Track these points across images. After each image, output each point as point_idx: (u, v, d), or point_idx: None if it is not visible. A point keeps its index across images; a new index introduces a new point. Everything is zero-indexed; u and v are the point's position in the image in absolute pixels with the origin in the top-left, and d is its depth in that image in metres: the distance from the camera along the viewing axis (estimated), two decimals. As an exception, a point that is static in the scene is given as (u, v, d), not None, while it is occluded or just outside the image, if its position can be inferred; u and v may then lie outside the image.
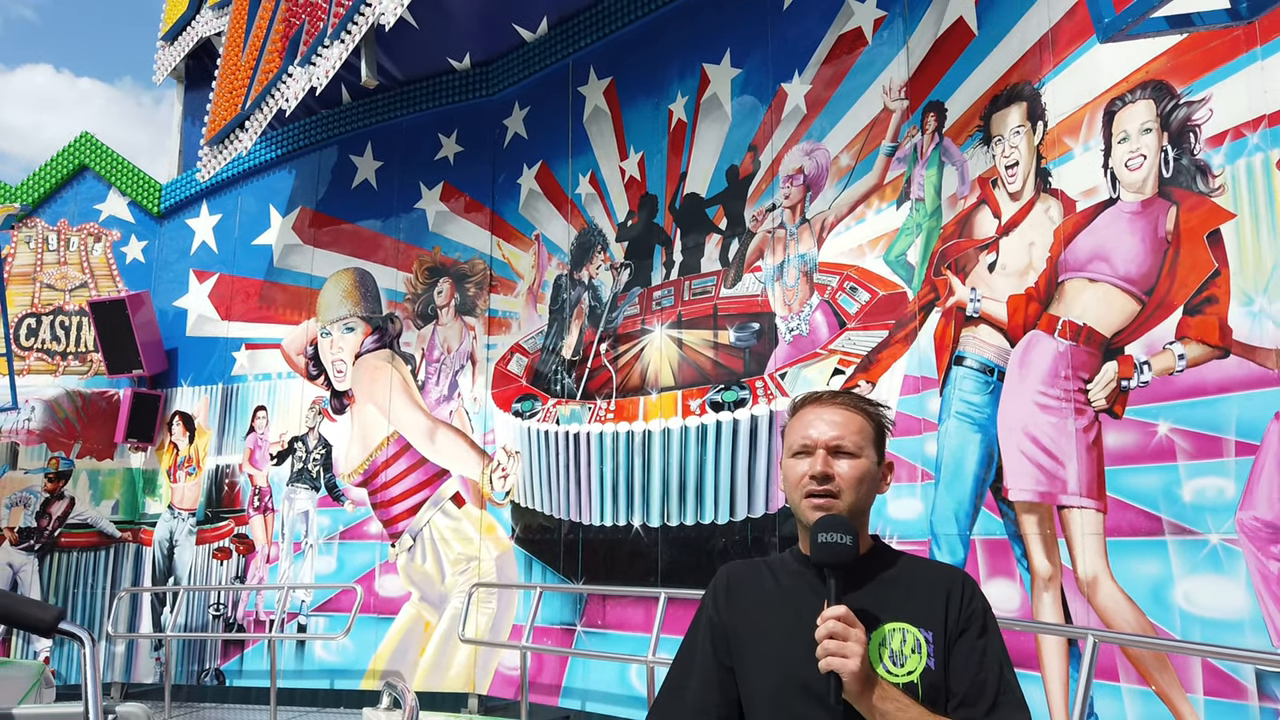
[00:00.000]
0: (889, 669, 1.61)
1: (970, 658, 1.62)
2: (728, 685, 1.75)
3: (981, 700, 1.59)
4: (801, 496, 1.72)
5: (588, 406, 7.70)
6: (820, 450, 1.71)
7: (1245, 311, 4.12)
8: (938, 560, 1.94)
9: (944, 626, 1.64)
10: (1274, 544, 3.92)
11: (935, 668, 1.62)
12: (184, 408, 10.12)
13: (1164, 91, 4.54)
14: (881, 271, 6.08)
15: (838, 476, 1.70)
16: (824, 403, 1.78)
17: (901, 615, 1.66)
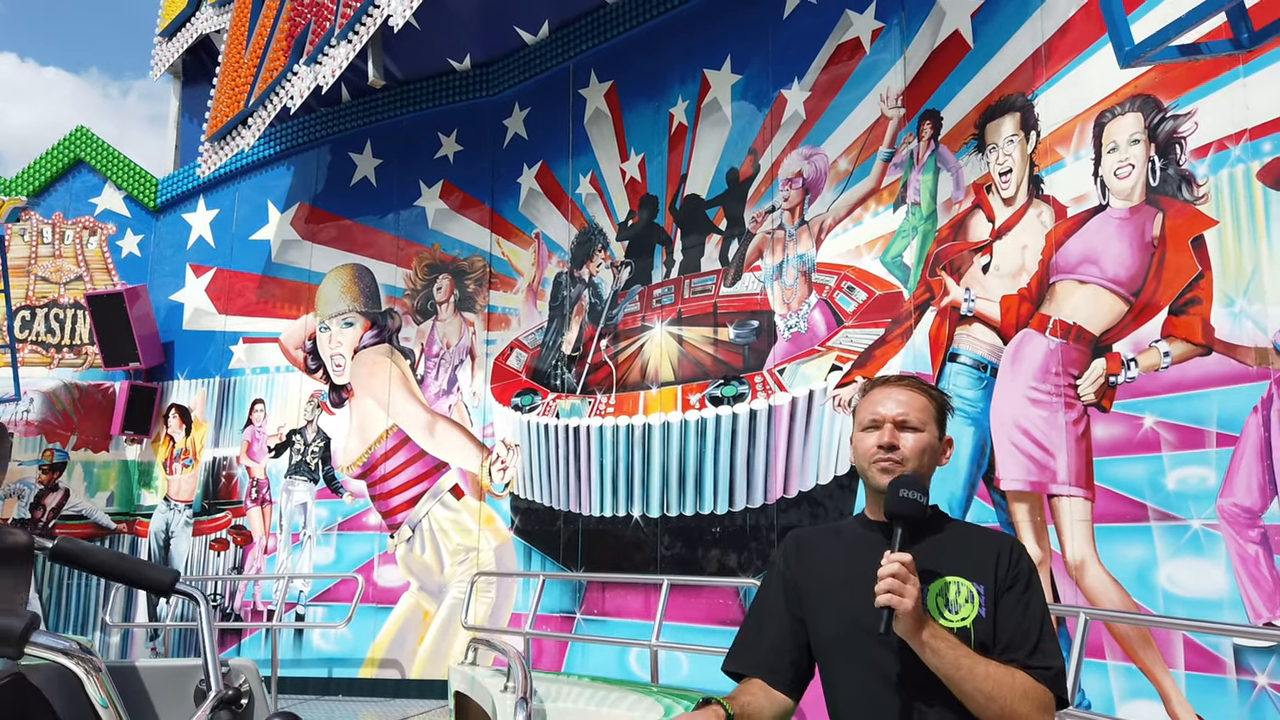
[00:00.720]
0: (946, 616, 1.84)
1: (1015, 609, 1.85)
2: (799, 633, 1.97)
3: (1025, 645, 1.82)
4: (870, 463, 1.95)
5: (588, 401, 7.91)
6: (888, 424, 1.94)
7: (1226, 312, 4.41)
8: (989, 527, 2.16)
9: (994, 582, 1.87)
10: (1252, 528, 4.22)
11: (985, 616, 1.84)
12: (180, 400, 10.20)
13: (1152, 105, 4.83)
14: (878, 272, 6.34)
15: (903, 447, 1.93)
16: (892, 384, 2.01)
17: (958, 570, 1.89)
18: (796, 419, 6.57)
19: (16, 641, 1.45)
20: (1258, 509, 4.20)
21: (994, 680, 1.74)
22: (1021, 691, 1.75)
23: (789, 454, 6.59)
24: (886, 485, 1.92)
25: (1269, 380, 4.21)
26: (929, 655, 1.75)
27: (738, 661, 2.02)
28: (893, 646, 1.83)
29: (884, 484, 1.92)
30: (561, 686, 2.41)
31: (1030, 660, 1.81)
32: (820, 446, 6.45)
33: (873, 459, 1.94)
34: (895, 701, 1.81)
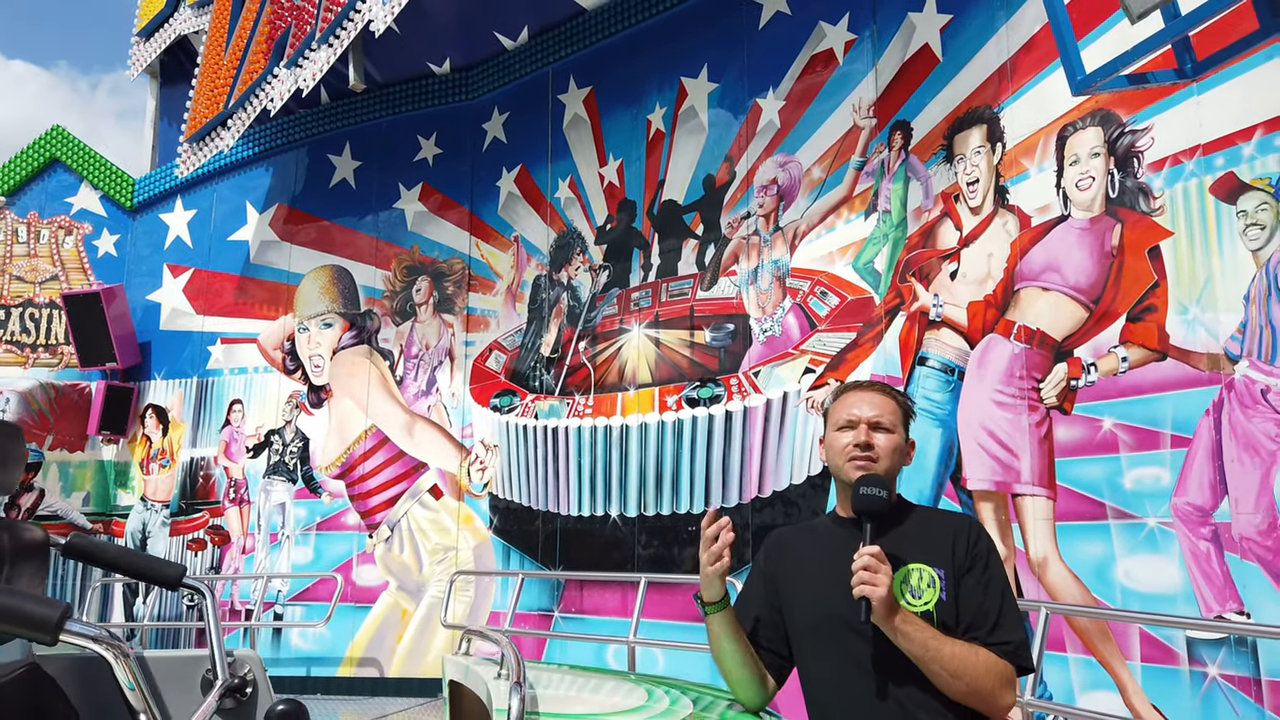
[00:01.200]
0: (909, 600, 1.99)
1: (975, 590, 2.00)
2: (778, 624, 2.13)
3: (986, 623, 1.97)
4: (845, 461, 2.10)
5: (566, 402, 8.04)
6: (862, 425, 2.09)
7: (1181, 319, 4.62)
8: (950, 510, 2.30)
9: (953, 565, 2.03)
10: (1204, 525, 4.43)
11: (947, 599, 2.00)
12: (157, 401, 10.21)
13: (1111, 121, 5.04)
14: (850, 278, 6.52)
15: (876, 446, 2.08)
16: (864, 388, 2.16)
17: (919, 557, 2.04)
18: (771, 420, 6.74)
19: (53, 629, 1.55)
20: (1209, 507, 4.41)
21: (959, 659, 1.89)
22: (985, 668, 1.90)
23: (763, 454, 6.75)
24: (857, 482, 2.07)
25: (1220, 385, 4.42)
26: (900, 639, 1.90)
27: (721, 651, 2.16)
28: (865, 634, 1.98)
29: (855, 479, 2.07)
30: (548, 674, 2.54)
31: (990, 638, 1.97)
32: (794, 447, 6.61)
33: (849, 457, 2.09)
34: (869, 685, 1.96)
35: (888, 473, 2.09)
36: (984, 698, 1.91)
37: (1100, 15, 4.79)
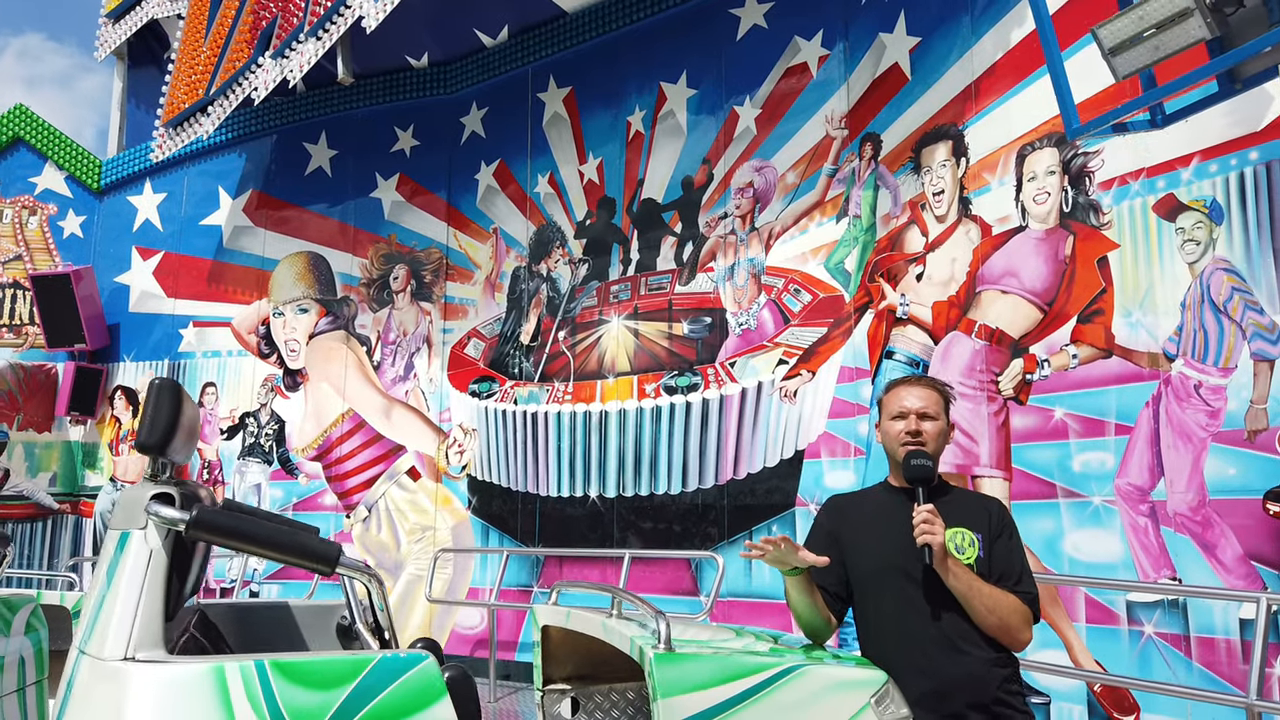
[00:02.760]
0: (954, 554, 2.48)
1: (1004, 553, 2.51)
2: (840, 572, 2.59)
3: (1012, 576, 2.48)
4: (899, 445, 2.57)
5: (546, 388, 8.43)
6: (912, 415, 2.57)
7: (1125, 322, 5.24)
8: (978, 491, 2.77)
9: (988, 531, 2.53)
10: (1142, 503, 5.05)
11: (984, 557, 2.50)
12: (126, 382, 10.27)
13: (1066, 143, 5.63)
14: (822, 277, 7.04)
15: (924, 433, 2.56)
16: (913, 383, 2.64)
17: (961, 522, 2.54)
18: (746, 408, 7.24)
19: (333, 562, 1.92)
20: (1148, 487, 5.04)
21: (994, 598, 2.39)
22: (1012, 607, 2.41)
23: (739, 439, 7.25)
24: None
25: (1159, 380, 5.04)
26: (951, 579, 2.39)
27: (793, 593, 2.62)
28: (916, 579, 2.47)
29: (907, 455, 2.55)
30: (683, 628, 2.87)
31: (1016, 588, 2.47)
32: (768, 433, 7.12)
33: (902, 441, 2.57)
34: (920, 619, 2.45)
35: (933, 453, 2.57)
36: (1010, 631, 2.42)
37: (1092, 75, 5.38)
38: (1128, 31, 2.77)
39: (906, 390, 2.63)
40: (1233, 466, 4.72)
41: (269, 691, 1.78)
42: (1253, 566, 4.60)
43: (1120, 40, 2.80)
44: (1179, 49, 2.70)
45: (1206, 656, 4.73)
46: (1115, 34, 2.81)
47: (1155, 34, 2.71)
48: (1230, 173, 4.84)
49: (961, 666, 2.42)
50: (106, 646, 1.82)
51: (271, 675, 1.79)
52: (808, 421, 6.92)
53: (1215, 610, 4.73)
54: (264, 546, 2.06)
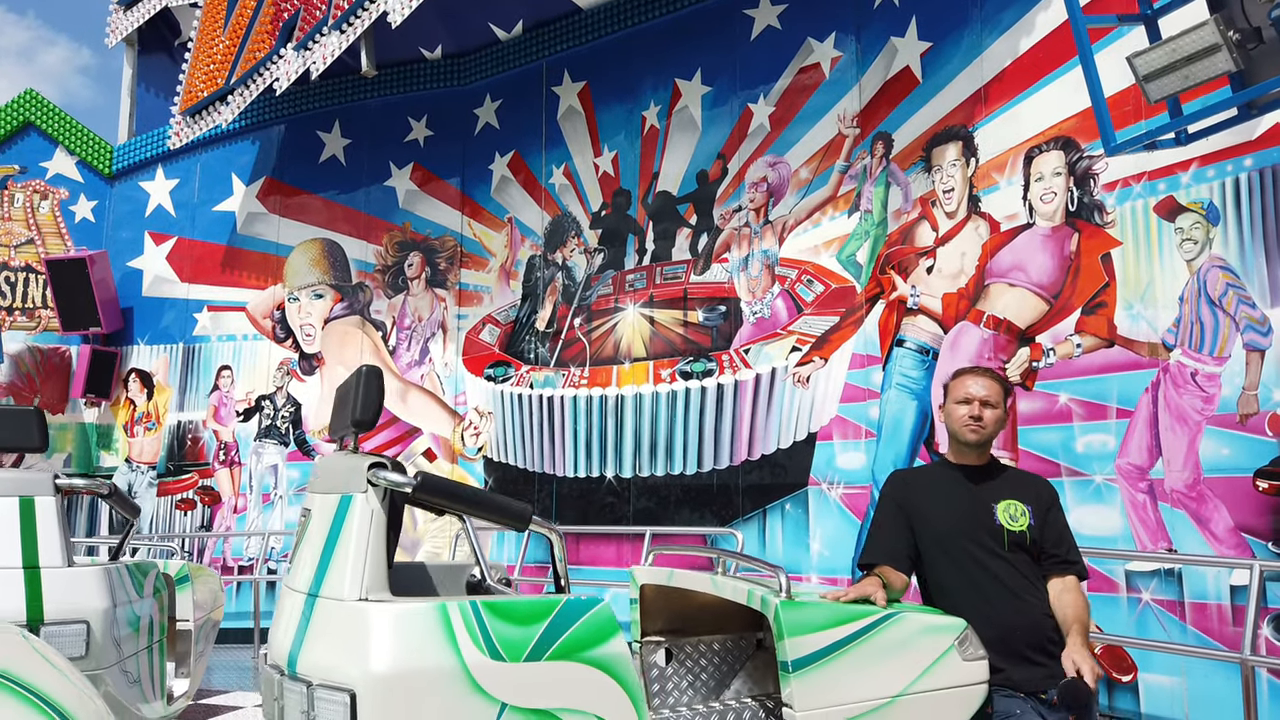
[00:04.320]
0: (1013, 522, 2.86)
1: (1054, 524, 2.89)
2: (910, 537, 2.96)
3: (1063, 546, 2.87)
4: (962, 426, 2.94)
5: (561, 373, 8.75)
6: (976, 401, 2.94)
7: (1127, 314, 5.66)
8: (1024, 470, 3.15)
9: (1037, 504, 2.91)
10: (1141, 481, 5.50)
11: (1034, 524, 2.88)
12: (141, 365, 10.45)
13: (1072, 146, 6.04)
14: (834, 268, 7.42)
15: (985, 418, 2.93)
16: (977, 373, 3.00)
17: (1014, 496, 2.91)
18: (760, 392, 7.61)
19: (527, 520, 2.27)
20: (1146, 467, 5.48)
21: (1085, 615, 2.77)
22: (1079, 591, 2.80)
23: (753, 422, 7.63)
24: (971, 441, 2.92)
25: (1158, 368, 5.48)
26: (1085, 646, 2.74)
27: (872, 555, 2.98)
28: (979, 541, 2.84)
29: (971, 440, 2.92)
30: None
31: (1069, 556, 2.87)
32: (781, 416, 7.51)
33: (965, 424, 2.94)
34: (983, 575, 2.82)
35: (992, 435, 2.94)
36: None
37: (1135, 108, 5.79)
38: (1161, 62, 3.14)
39: (973, 379, 2.99)
40: (1226, 447, 5.16)
41: (483, 625, 2.11)
42: (1242, 537, 5.05)
43: (1154, 69, 3.17)
44: (1207, 79, 3.08)
45: (1199, 620, 5.19)
46: (1149, 63, 3.18)
47: (1186, 65, 3.09)
48: (1226, 178, 5.27)
49: (1022, 615, 2.81)
50: (345, 589, 2.14)
51: (484, 613, 2.12)
52: (820, 405, 7.31)
53: (1208, 578, 5.19)
54: (473, 506, 2.39)
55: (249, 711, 6.18)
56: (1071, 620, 2.78)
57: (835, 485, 7.15)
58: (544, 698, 2.11)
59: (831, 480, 7.18)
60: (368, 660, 2.03)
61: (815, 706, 2.42)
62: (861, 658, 2.51)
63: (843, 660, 2.48)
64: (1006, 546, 2.85)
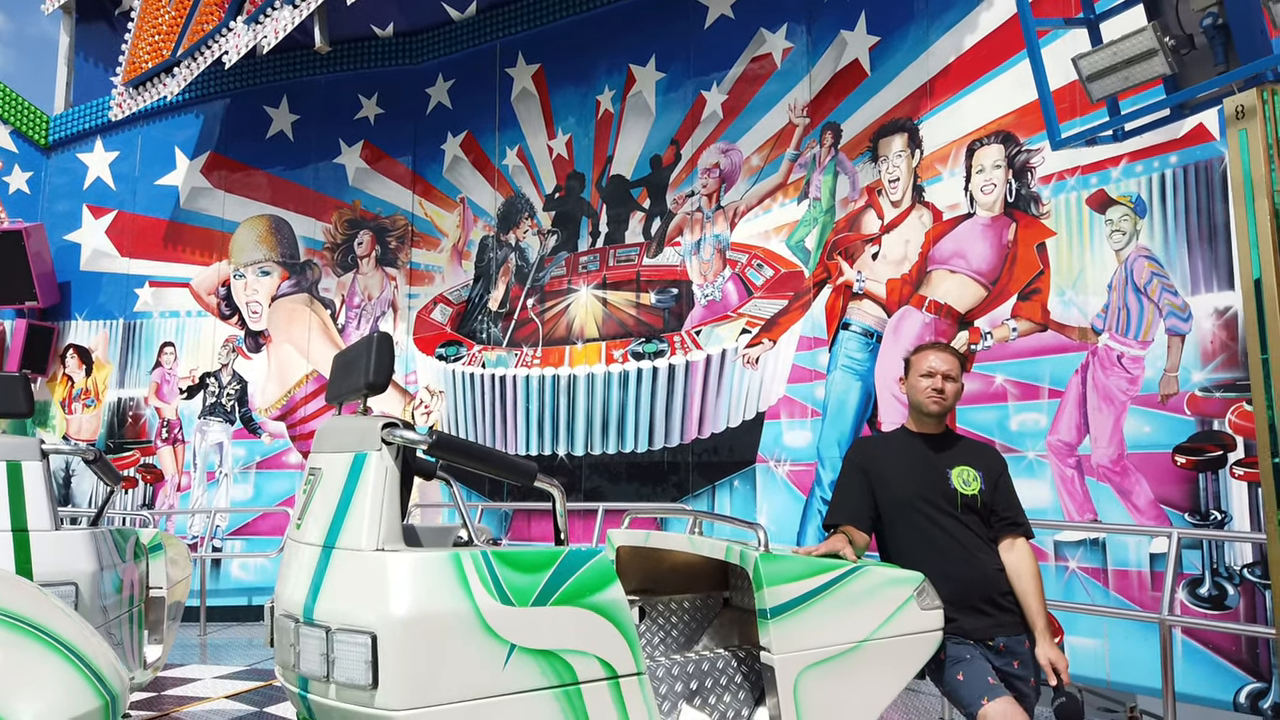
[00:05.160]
0: (965, 486, 3.11)
1: (1004, 490, 3.15)
2: (871, 499, 3.19)
3: (1012, 511, 3.13)
4: (925, 398, 3.18)
5: (514, 353, 8.87)
6: (938, 375, 3.18)
7: (1059, 300, 6.01)
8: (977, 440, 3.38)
9: (988, 471, 3.16)
10: (1070, 457, 5.86)
11: (985, 489, 3.13)
12: (79, 341, 10.25)
13: (1011, 140, 6.36)
14: (783, 253, 7.67)
15: (946, 390, 3.17)
16: (939, 349, 3.24)
17: (966, 462, 3.16)
18: (710, 373, 7.84)
19: (533, 475, 2.46)
20: (1075, 443, 5.84)
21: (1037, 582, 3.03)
22: (1030, 556, 3.05)
23: (703, 401, 7.86)
24: (934, 411, 3.16)
25: (1087, 351, 5.84)
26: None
27: (836, 516, 3.20)
28: (935, 504, 3.09)
29: (934, 410, 3.16)
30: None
31: (1017, 518, 3.13)
32: (730, 396, 7.75)
33: (928, 396, 3.17)
34: (939, 536, 3.06)
35: (950, 406, 3.19)
36: None
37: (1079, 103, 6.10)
38: (1103, 64, 3.41)
39: (934, 354, 3.23)
40: (1148, 425, 5.54)
41: (494, 573, 2.26)
42: (1162, 509, 5.44)
43: (1096, 70, 3.43)
44: (1143, 80, 3.35)
45: (1121, 586, 5.57)
46: (1093, 65, 3.45)
47: (1126, 67, 3.35)
48: (1153, 173, 5.63)
49: (974, 570, 3.06)
50: (362, 540, 2.27)
51: (494, 561, 2.28)
52: (769, 386, 7.57)
53: (1129, 547, 5.57)
54: (485, 462, 2.54)
55: (209, 682, 6.21)
56: (1034, 606, 3.02)
57: (782, 462, 7.42)
58: (549, 639, 2.28)
59: (779, 458, 7.44)
60: (387, 605, 2.17)
61: (791, 649, 2.63)
62: (831, 606, 2.73)
63: (815, 608, 2.69)
64: (959, 508, 3.10)
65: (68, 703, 2.25)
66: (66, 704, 2.25)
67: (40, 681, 2.25)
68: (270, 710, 5.53)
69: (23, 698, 2.21)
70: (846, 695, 2.72)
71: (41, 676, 2.27)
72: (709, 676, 3.01)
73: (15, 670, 2.25)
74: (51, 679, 2.28)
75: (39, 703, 2.21)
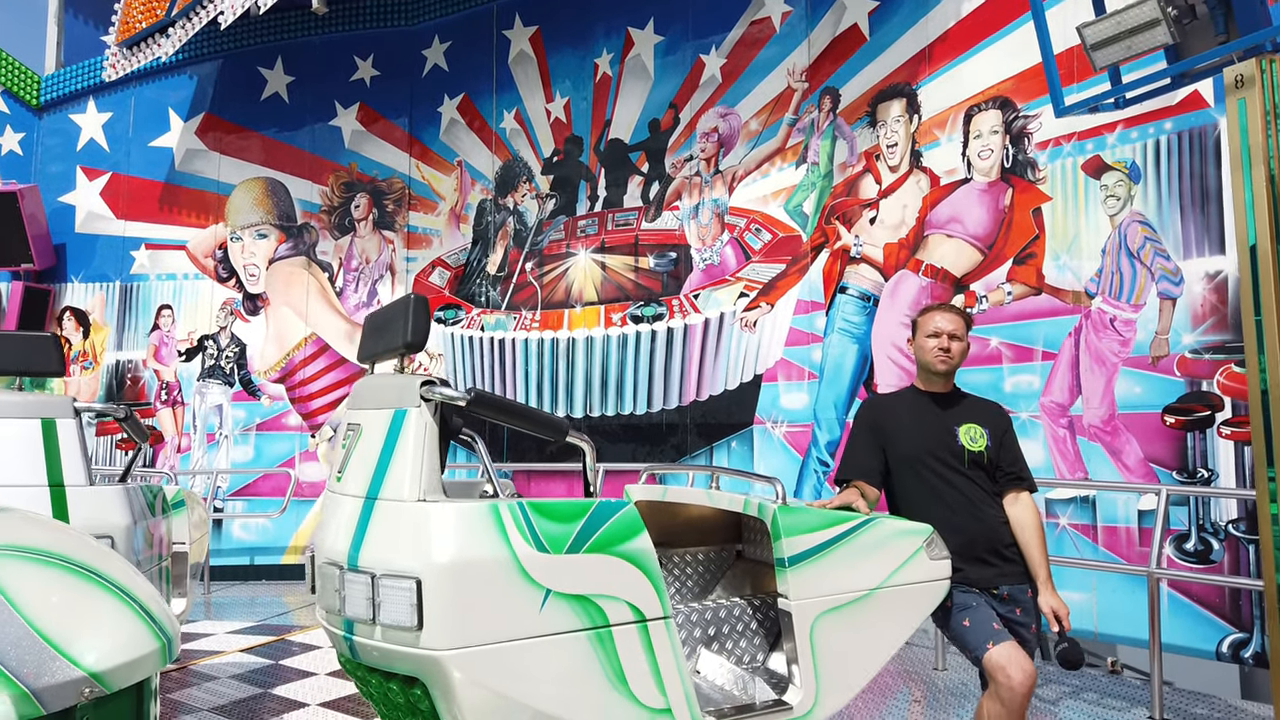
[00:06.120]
0: (972, 442, 3.24)
1: (1009, 445, 3.27)
2: (882, 456, 3.32)
3: (1017, 465, 3.26)
4: (933, 357, 3.29)
5: (513, 316, 8.95)
6: (944, 335, 3.29)
7: (1054, 264, 6.14)
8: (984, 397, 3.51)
9: (994, 428, 3.29)
10: (1062, 418, 6.02)
11: (992, 445, 3.26)
12: (76, 303, 10.26)
13: (1009, 106, 6.45)
14: (782, 218, 7.76)
15: (952, 349, 3.29)
16: (945, 310, 3.35)
17: (974, 420, 3.29)
18: (709, 336, 7.95)
19: (565, 431, 2.56)
20: (1067, 404, 6.00)
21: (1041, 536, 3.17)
22: (1035, 509, 3.19)
23: (701, 364, 7.98)
24: (941, 370, 3.28)
25: (1080, 314, 5.97)
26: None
27: (848, 471, 3.33)
28: (943, 460, 3.21)
29: (941, 370, 3.28)
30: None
31: (1021, 473, 3.26)
32: (729, 358, 7.87)
33: (935, 355, 3.29)
34: (946, 490, 3.19)
35: (957, 365, 3.30)
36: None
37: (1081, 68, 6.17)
38: (1107, 33, 3.49)
39: (941, 314, 3.34)
40: (1138, 386, 5.70)
41: (530, 523, 2.37)
42: (1150, 467, 5.61)
43: (1100, 39, 3.52)
44: (1147, 50, 3.44)
45: (1110, 542, 5.75)
46: (1097, 33, 3.53)
47: (1129, 36, 3.44)
48: (1148, 140, 5.74)
49: (980, 523, 3.20)
50: (404, 491, 2.38)
51: (530, 511, 2.39)
52: (766, 349, 7.69)
53: (1118, 504, 5.75)
54: (521, 418, 2.65)
55: (221, 637, 6.35)
56: (1036, 557, 3.17)
57: (779, 424, 7.56)
58: (583, 585, 2.40)
59: (776, 419, 7.58)
60: (430, 551, 2.28)
61: (808, 596, 2.77)
62: (846, 555, 2.87)
63: (830, 557, 2.83)
64: (967, 464, 3.23)
65: (129, 644, 2.33)
66: (128, 645, 2.33)
67: (101, 624, 2.33)
68: (285, 663, 5.67)
69: (85, 639, 2.29)
70: (859, 639, 2.86)
71: (102, 619, 2.35)
72: (725, 623, 3.15)
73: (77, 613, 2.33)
74: (111, 622, 2.36)
75: (102, 644, 2.29)
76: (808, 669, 2.76)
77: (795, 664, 2.77)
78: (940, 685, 5.33)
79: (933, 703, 5.04)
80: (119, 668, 2.10)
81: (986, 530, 3.19)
